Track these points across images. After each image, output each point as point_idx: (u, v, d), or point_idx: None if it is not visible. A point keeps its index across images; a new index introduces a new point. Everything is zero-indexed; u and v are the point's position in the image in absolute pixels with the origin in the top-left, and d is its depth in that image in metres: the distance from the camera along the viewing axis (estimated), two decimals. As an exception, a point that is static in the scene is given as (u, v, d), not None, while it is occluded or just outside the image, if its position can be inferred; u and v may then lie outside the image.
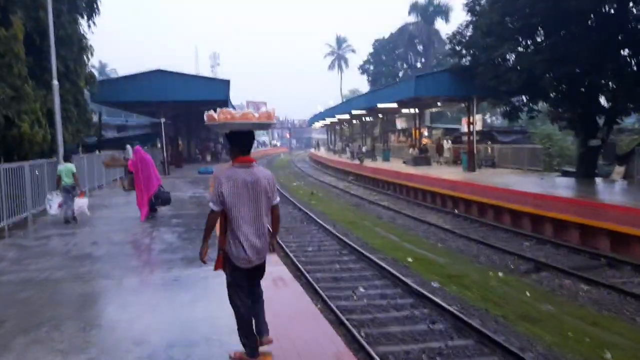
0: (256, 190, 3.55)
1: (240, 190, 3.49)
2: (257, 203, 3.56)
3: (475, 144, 23.02)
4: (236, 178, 3.52)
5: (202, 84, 23.12)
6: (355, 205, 20.77)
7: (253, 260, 3.59)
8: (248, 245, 3.53)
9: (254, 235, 3.56)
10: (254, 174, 3.59)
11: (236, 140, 3.67)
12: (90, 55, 16.85)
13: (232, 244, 3.56)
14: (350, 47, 79.45)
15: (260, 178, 3.59)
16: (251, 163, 3.64)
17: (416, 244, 13.03)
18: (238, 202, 3.49)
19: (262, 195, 3.58)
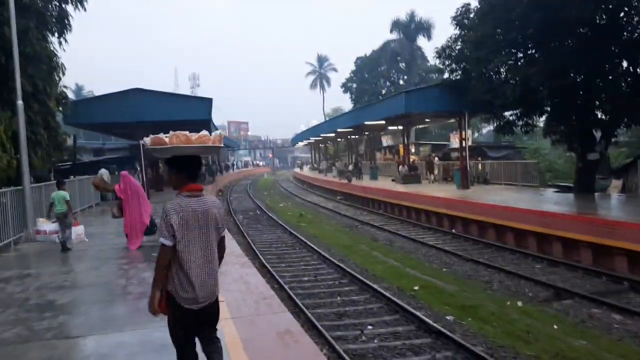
0: (206, 221, 3.23)
1: (190, 222, 3.17)
2: (207, 235, 3.24)
3: (467, 160, 22.31)
4: (185, 208, 3.17)
5: (183, 103, 22.04)
6: (348, 226, 19.80)
7: (202, 299, 3.19)
8: (198, 283, 3.16)
9: (205, 271, 3.21)
10: (203, 203, 3.26)
11: (183, 166, 3.32)
12: (62, 74, 15.72)
13: (177, 281, 3.16)
14: (331, 65, 79.38)
15: (210, 208, 3.28)
16: (201, 191, 3.31)
17: (419, 269, 12.07)
18: (187, 235, 3.16)
19: (212, 227, 3.27)
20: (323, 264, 12.76)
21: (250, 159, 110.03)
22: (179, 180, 3.30)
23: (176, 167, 3.32)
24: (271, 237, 17.50)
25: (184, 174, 3.30)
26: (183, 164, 3.33)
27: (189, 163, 3.34)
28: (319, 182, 41.90)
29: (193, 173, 3.34)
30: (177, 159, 3.34)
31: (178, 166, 3.32)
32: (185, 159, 3.35)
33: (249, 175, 74.21)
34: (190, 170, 3.33)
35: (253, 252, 14.02)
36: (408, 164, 28.58)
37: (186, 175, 3.30)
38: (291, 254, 14.35)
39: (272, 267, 12.23)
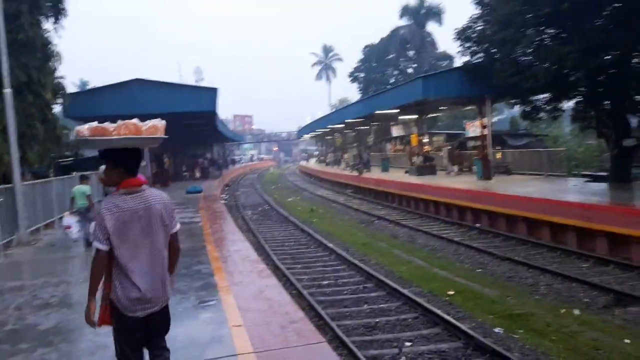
0: (149, 220, 2.93)
1: (129, 222, 2.87)
2: (152, 235, 2.94)
3: (489, 150, 21.07)
4: (122, 207, 2.88)
5: (187, 93, 20.88)
6: (363, 222, 18.67)
7: (149, 305, 2.91)
8: (144, 288, 2.86)
9: (150, 276, 2.91)
10: (145, 199, 2.95)
11: (119, 158, 2.96)
12: (58, 63, 14.64)
13: (118, 287, 2.87)
14: (337, 55, 78.07)
15: (154, 204, 2.97)
16: (141, 186, 2.97)
17: (450, 270, 10.94)
18: (127, 237, 2.87)
19: (158, 225, 2.97)
20: (342, 265, 11.64)
21: (256, 153, 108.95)
22: (116, 175, 2.95)
23: (112, 161, 2.95)
24: (283, 234, 16.41)
25: (121, 168, 2.94)
26: (119, 156, 2.94)
27: (126, 156, 2.96)
28: (328, 175, 40.77)
29: (132, 167, 2.99)
30: (112, 152, 2.94)
31: (114, 159, 2.95)
32: (122, 151, 2.96)
33: (255, 169, 73.16)
34: (127, 163, 2.97)
35: (265, 252, 12.93)
36: (423, 154, 27.33)
37: (124, 170, 2.95)
38: (306, 253, 13.24)
39: (287, 268, 11.13)
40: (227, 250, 8.53)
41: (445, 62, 50.62)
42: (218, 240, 9.82)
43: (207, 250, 8.55)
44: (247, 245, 9.28)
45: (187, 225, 12.22)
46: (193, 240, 10.10)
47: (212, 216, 13.93)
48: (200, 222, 12.61)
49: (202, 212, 14.68)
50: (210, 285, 6.17)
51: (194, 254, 8.42)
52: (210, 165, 41.36)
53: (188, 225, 12.26)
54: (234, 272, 6.67)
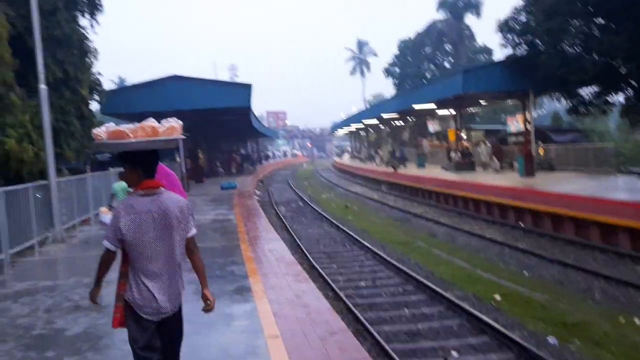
0: (166, 223, 2.86)
1: (144, 224, 2.81)
2: (168, 239, 2.87)
3: (532, 146, 20.19)
4: (139, 209, 2.83)
5: (222, 89, 20.80)
6: (400, 220, 18.17)
7: (163, 309, 2.86)
8: (158, 292, 2.82)
9: (165, 278, 2.87)
10: (161, 202, 2.89)
11: (137, 161, 2.90)
12: (95, 59, 14.69)
13: (134, 289, 2.84)
14: (372, 50, 77.10)
15: (170, 207, 2.90)
16: (158, 189, 2.94)
17: (494, 272, 10.37)
18: (141, 239, 2.80)
19: (174, 228, 2.89)
20: (380, 265, 11.22)
21: (289, 149, 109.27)
22: (134, 177, 2.92)
23: (130, 163, 2.91)
24: (317, 232, 16.09)
25: (139, 170, 2.90)
26: (137, 158, 2.90)
27: (144, 157, 2.92)
28: (361, 171, 40.27)
29: (149, 168, 2.94)
30: (131, 154, 2.90)
31: (132, 162, 2.91)
32: (140, 152, 2.92)
33: (288, 165, 73.17)
34: (145, 165, 2.92)
35: (300, 250, 12.63)
36: (461, 150, 26.52)
37: (142, 172, 2.91)
38: (342, 252, 12.87)
39: (322, 268, 10.79)
40: (262, 249, 8.24)
41: (483, 56, 49.24)
42: (252, 238, 9.55)
43: (241, 249, 8.29)
44: (281, 244, 8.97)
45: (221, 223, 12.04)
46: (227, 239, 9.88)
47: (246, 213, 13.73)
48: (234, 219, 12.41)
49: (236, 209, 14.49)
50: (244, 288, 5.87)
51: (228, 254, 8.19)
52: (245, 161, 41.47)
53: (222, 223, 12.08)
54: (269, 274, 6.35)
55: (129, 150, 2.89)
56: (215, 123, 28.92)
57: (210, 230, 10.96)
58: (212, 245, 9.24)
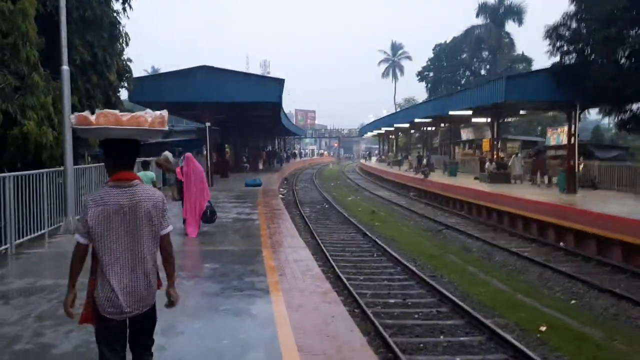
0: (135, 217, 2.74)
1: (112, 217, 2.70)
2: (135, 233, 2.75)
3: (575, 161, 18.99)
4: (107, 201, 2.71)
5: (253, 83, 20.15)
6: (429, 230, 17.24)
7: (126, 308, 2.71)
8: (121, 289, 2.70)
9: (130, 277, 2.74)
10: (133, 195, 2.76)
11: (112, 150, 2.80)
12: (125, 45, 14.20)
13: (99, 286, 2.73)
14: (406, 53, 75.90)
15: (142, 200, 2.77)
16: (131, 181, 2.78)
17: (537, 298, 9.44)
18: (108, 233, 2.70)
19: (143, 223, 2.77)
20: (410, 281, 10.38)
21: (316, 148, 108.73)
22: (108, 166, 2.84)
23: (105, 151, 2.85)
24: (343, 237, 15.32)
25: (111, 160, 2.81)
26: (112, 148, 2.80)
27: (118, 147, 2.80)
28: (389, 175, 39.27)
29: (123, 159, 2.82)
30: (108, 142, 2.81)
31: (106, 150, 2.84)
32: (115, 142, 2.80)
33: (314, 164, 72.57)
34: (118, 155, 2.81)
35: (324, 257, 11.88)
36: (497, 161, 25.36)
37: (113, 162, 2.82)
38: (369, 262, 12.07)
39: (348, 280, 10.02)
40: (286, 258, 7.48)
41: (522, 65, 47.68)
42: (276, 244, 8.81)
43: (262, 256, 7.54)
44: (307, 253, 8.20)
45: (244, 223, 11.32)
46: (248, 242, 9.12)
47: (270, 214, 13.02)
48: (257, 219, 11.71)
49: (259, 208, 13.80)
50: (264, 309, 5.09)
51: (248, 261, 7.43)
52: (272, 158, 41.01)
53: (244, 223, 11.37)
54: (293, 291, 5.59)
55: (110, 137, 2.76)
56: (244, 117, 28.39)
57: (231, 231, 10.25)
58: (231, 249, 8.47)
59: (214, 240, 9.16)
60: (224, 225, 10.99)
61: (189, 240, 9.47)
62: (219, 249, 8.36)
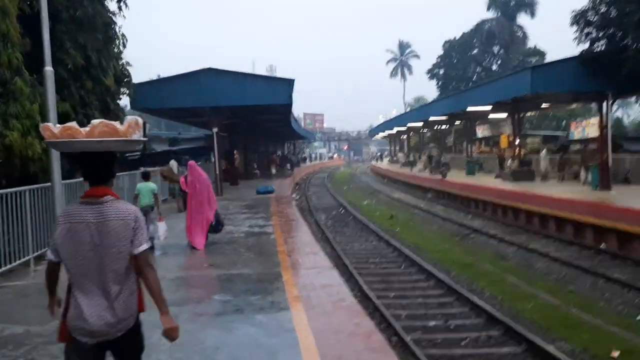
0: (102, 237, 2.56)
1: (78, 235, 2.56)
2: (104, 253, 2.56)
3: (610, 154, 17.69)
4: (74, 218, 2.60)
5: (261, 84, 19.03)
6: (456, 234, 16.03)
7: (97, 332, 2.53)
8: (88, 310, 2.53)
9: (99, 298, 2.56)
10: (101, 212, 2.59)
11: (82, 164, 2.69)
12: (123, 46, 13.21)
13: (70, 306, 2.62)
14: (413, 52, 74.67)
15: (111, 218, 2.59)
16: (101, 197, 2.62)
17: (597, 313, 8.22)
18: (75, 252, 2.57)
19: (111, 242, 2.57)
20: (448, 297, 9.18)
21: (325, 151, 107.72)
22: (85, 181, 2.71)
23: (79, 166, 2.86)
24: (364, 246, 14.16)
25: (83, 175, 2.70)
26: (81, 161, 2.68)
27: (84, 161, 2.65)
28: (403, 176, 38.05)
29: (92, 174, 2.66)
30: (80, 156, 2.66)
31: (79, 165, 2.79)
32: (84, 155, 2.63)
33: (324, 167, 71.50)
34: (87, 169, 2.66)
35: (347, 271, 10.73)
36: (519, 157, 24.05)
37: (83, 177, 2.70)
38: (398, 275, 10.89)
39: (378, 297, 8.86)
40: (311, 283, 6.20)
41: (535, 59, 46.25)
42: (296, 263, 7.60)
43: (283, 281, 6.31)
44: (335, 275, 6.98)
45: (257, 238, 10.12)
46: (264, 263, 7.84)
47: (286, 225, 11.85)
48: (272, 233, 10.53)
49: (274, 219, 12.63)
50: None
51: (266, 289, 6.24)
52: (284, 162, 40.05)
53: (258, 238, 10.16)
54: (326, 333, 4.38)
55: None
56: (253, 122, 27.35)
57: (244, 248, 9.03)
58: (244, 272, 7.25)
59: (225, 261, 7.94)
60: (235, 240, 9.83)
61: (196, 260, 8.38)
62: (231, 272, 7.11)
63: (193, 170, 9.56)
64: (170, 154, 22.40)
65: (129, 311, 2.63)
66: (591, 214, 14.14)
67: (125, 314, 2.61)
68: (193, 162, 9.88)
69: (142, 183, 9.52)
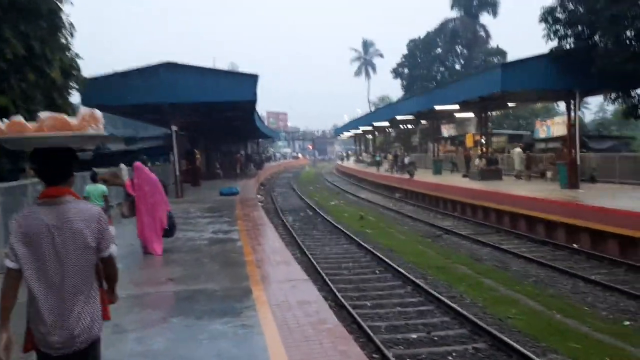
0: (64, 240, 2.37)
1: (37, 240, 2.36)
2: (66, 259, 2.37)
3: (578, 153, 17.67)
4: (32, 222, 2.39)
5: (224, 80, 18.05)
6: (428, 235, 15.59)
7: (58, 344, 2.35)
8: (50, 322, 2.34)
9: (60, 308, 2.36)
10: (62, 214, 2.39)
11: (37, 163, 2.48)
12: (70, 35, 12.08)
13: (32, 316, 2.42)
14: (378, 51, 74.63)
15: (72, 219, 2.39)
16: (59, 197, 2.43)
17: (582, 319, 7.84)
18: (34, 258, 2.36)
19: (74, 246, 2.38)
20: (428, 304, 8.62)
21: (289, 151, 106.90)
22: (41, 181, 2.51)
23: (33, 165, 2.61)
24: (336, 250, 13.51)
25: (38, 174, 2.55)
26: (35, 159, 2.47)
27: (42, 158, 2.45)
28: (370, 176, 37.73)
29: (47, 172, 2.45)
30: (34, 153, 2.47)
31: (33, 163, 2.55)
32: (39, 152, 2.44)
33: (289, 167, 70.68)
34: (41, 168, 2.46)
35: (321, 278, 10.05)
36: (486, 156, 23.99)
37: (38, 175, 2.54)
38: (372, 281, 10.29)
39: (354, 307, 8.24)
40: (286, 300, 5.36)
41: (497, 58, 46.82)
42: (268, 276, 6.78)
43: (253, 298, 5.51)
44: (312, 289, 6.16)
45: (222, 245, 9.24)
46: (231, 275, 6.95)
47: (253, 230, 11.02)
48: (238, 239, 9.69)
49: (240, 224, 11.78)
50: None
51: (234, 309, 5.38)
52: (249, 162, 39.07)
53: (223, 245, 9.29)
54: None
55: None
56: (216, 120, 26.28)
57: (207, 258, 8.14)
58: (209, 287, 6.29)
59: (186, 274, 7.03)
60: (198, 248, 8.96)
61: (152, 273, 7.52)
62: (193, 288, 6.23)
63: (140, 171, 9.00)
64: (128, 154, 21.16)
65: (94, 321, 2.45)
66: (564, 213, 13.96)
67: (90, 325, 2.42)
68: (139, 163, 9.32)
69: (92, 185, 8.77)
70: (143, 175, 8.93)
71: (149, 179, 8.98)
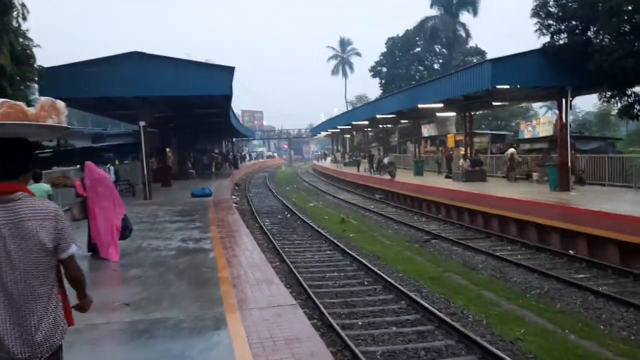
0: (18, 241, 2.15)
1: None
2: (21, 262, 2.15)
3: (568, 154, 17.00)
4: None
5: (198, 72, 16.68)
6: (415, 240, 14.67)
7: (16, 354, 2.15)
8: (5, 331, 2.14)
9: (16, 316, 2.16)
10: (14, 213, 2.17)
11: None
12: (22, 18, 10.73)
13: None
14: (355, 50, 73.86)
15: (26, 219, 2.17)
16: (12, 194, 2.19)
17: (600, 340, 6.99)
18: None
19: (31, 249, 2.17)
20: (427, 323, 7.62)
21: (265, 150, 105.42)
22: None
23: None
24: (318, 257, 12.46)
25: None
26: None
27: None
28: (349, 176, 36.82)
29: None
30: None
31: None
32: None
33: (264, 167, 69.37)
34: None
35: (304, 291, 8.98)
36: (471, 157, 23.27)
37: None
38: (361, 294, 9.25)
39: (344, 328, 7.19)
40: (271, 335, 4.19)
41: (476, 58, 46.50)
42: (246, 300, 5.48)
43: (228, 333, 4.34)
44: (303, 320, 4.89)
45: (192, 257, 7.98)
46: (201, 298, 5.75)
47: (228, 238, 9.81)
48: (211, 249, 8.48)
49: (213, 230, 10.55)
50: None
51: (203, 349, 4.23)
52: (225, 161, 37.72)
53: (192, 257, 8.02)
54: None
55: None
56: (188, 116, 24.90)
57: (174, 274, 6.86)
58: (172, 316, 5.10)
59: (146, 296, 5.78)
60: (163, 261, 7.73)
61: (103, 295, 6.28)
62: (152, 317, 5.05)
63: (91, 171, 8.39)
64: (93, 152, 19.69)
65: (56, 329, 2.25)
66: (559, 217, 13.22)
67: (51, 332, 2.23)
68: (90, 163, 8.73)
69: (34, 184, 7.95)
70: (95, 175, 8.31)
71: (102, 179, 8.41)
